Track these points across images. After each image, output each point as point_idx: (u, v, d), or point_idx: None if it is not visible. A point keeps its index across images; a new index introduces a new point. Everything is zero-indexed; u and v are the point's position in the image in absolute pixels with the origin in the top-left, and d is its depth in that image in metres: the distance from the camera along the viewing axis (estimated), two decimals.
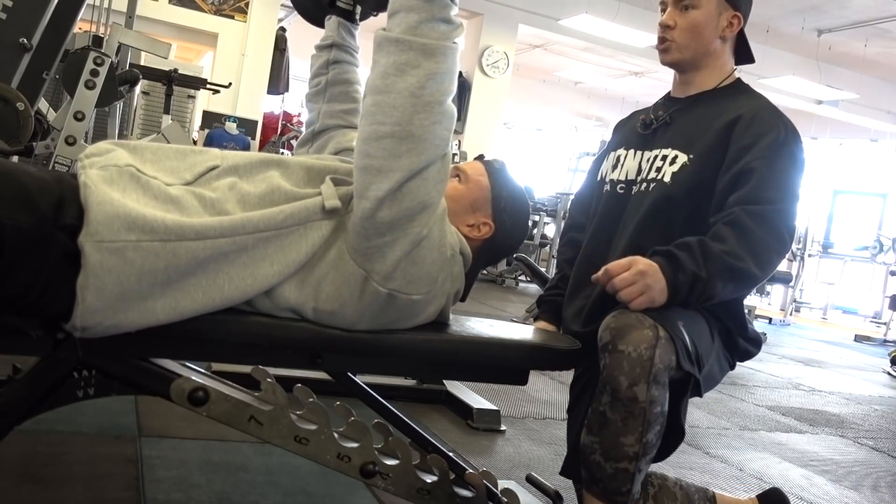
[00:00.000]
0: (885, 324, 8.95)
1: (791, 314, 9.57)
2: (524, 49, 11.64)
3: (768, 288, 9.26)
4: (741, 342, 1.56)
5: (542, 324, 1.73)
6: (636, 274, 1.37)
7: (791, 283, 9.00)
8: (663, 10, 1.63)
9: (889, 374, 5.83)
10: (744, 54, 1.68)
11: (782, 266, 9.62)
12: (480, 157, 1.59)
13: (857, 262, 10.77)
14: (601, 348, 1.36)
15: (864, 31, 8.95)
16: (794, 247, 9.56)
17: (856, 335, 8.57)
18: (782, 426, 3.39)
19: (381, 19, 1.38)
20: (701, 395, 1.52)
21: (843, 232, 11.79)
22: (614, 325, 1.35)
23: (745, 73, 1.70)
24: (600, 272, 1.41)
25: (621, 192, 1.65)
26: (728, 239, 1.40)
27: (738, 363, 1.62)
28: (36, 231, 1.05)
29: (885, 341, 8.27)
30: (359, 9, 1.66)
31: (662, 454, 1.44)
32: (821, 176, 12.23)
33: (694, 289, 1.39)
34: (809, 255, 10.18)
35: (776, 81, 9.87)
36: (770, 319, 8.97)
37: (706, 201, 1.51)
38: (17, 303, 1.06)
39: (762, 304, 9.63)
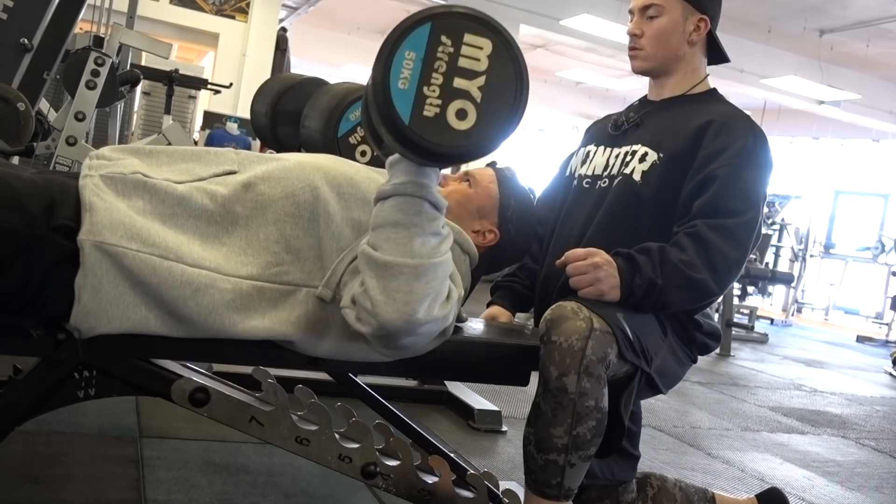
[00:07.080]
0: (887, 324, 8.95)
1: (793, 315, 9.57)
2: (525, 49, 11.45)
3: (770, 288, 9.24)
4: (698, 336, 1.56)
5: (494, 309, 1.71)
6: (589, 265, 1.40)
7: (793, 284, 9.00)
8: (631, 20, 1.64)
9: (891, 374, 5.82)
10: (716, 54, 1.67)
11: (784, 266, 9.67)
12: (492, 164, 1.57)
13: (859, 263, 10.76)
14: (540, 340, 1.37)
15: (866, 31, 8.93)
16: (796, 247, 9.57)
17: (858, 336, 8.57)
18: (784, 427, 3.38)
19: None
20: (664, 392, 1.51)
21: (845, 232, 11.78)
22: (550, 316, 1.36)
23: (747, 73, 1.70)
24: (562, 258, 1.45)
25: (587, 186, 1.65)
26: (687, 249, 1.42)
27: (699, 357, 1.61)
28: (25, 232, 1.05)
29: (887, 342, 8.27)
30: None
31: (604, 451, 1.39)
32: (822, 176, 12.21)
33: (649, 294, 1.40)
34: (811, 256, 10.18)
35: (778, 81, 9.85)
36: (772, 320, 8.97)
37: (674, 203, 1.52)
38: (12, 303, 1.06)
39: (764, 304, 9.62)
